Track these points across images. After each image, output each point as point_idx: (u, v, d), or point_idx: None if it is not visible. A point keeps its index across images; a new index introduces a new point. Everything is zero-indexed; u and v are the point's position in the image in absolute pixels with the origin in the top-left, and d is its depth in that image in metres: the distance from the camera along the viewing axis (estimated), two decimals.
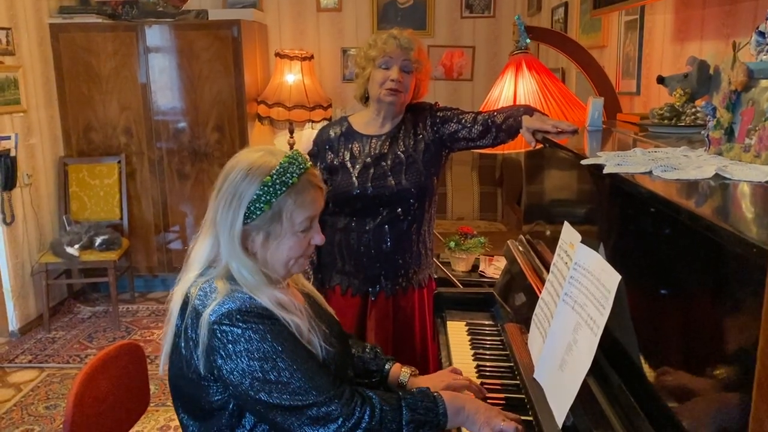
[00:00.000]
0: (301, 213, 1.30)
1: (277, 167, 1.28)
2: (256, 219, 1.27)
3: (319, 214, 1.36)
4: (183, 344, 1.27)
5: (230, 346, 1.21)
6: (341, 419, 1.22)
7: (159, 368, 1.38)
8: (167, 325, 1.32)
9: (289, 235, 1.30)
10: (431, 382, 1.51)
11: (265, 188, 1.26)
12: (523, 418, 1.40)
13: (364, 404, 1.25)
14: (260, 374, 1.21)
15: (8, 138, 3.88)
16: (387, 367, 1.57)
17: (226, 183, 1.29)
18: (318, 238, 1.36)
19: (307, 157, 1.37)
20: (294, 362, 1.23)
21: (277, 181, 1.27)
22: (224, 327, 1.21)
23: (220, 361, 1.23)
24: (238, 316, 1.22)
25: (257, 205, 1.27)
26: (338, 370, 1.34)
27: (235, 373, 1.22)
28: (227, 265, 1.29)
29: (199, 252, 1.33)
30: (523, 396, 1.47)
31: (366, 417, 1.23)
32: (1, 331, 4.01)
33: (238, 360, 1.21)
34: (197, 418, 1.33)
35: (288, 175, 1.28)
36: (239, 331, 1.21)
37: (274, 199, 1.27)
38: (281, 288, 1.35)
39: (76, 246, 4.01)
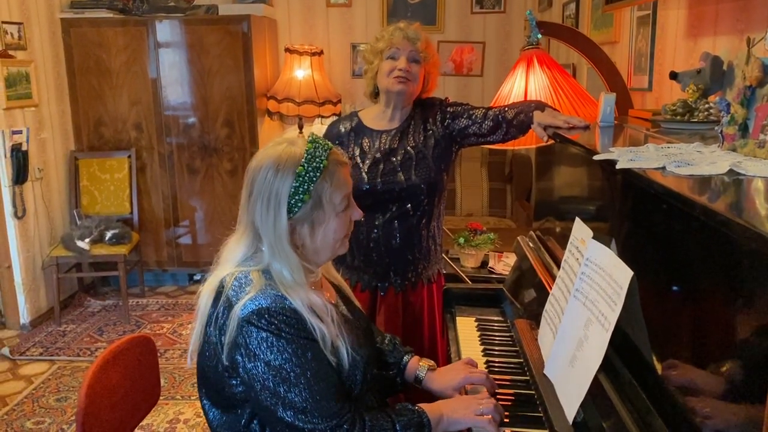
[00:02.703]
0: (339, 193, 1.31)
1: (305, 155, 1.29)
2: (298, 211, 1.28)
3: (351, 190, 1.37)
4: (213, 332, 1.28)
5: (252, 347, 1.22)
6: None
7: (187, 361, 1.40)
8: (196, 319, 1.32)
9: (332, 218, 1.32)
10: (448, 375, 1.51)
11: (300, 178, 1.27)
12: (532, 414, 1.40)
13: None
14: (271, 384, 1.22)
15: (20, 132, 3.91)
16: (405, 359, 1.57)
17: (257, 185, 1.29)
18: (357, 214, 1.38)
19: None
20: (307, 381, 1.23)
21: (310, 168, 1.28)
22: (251, 327, 1.22)
23: (239, 358, 1.24)
24: (266, 317, 1.22)
25: (297, 197, 1.27)
26: (366, 371, 1.35)
27: (250, 374, 1.23)
28: (268, 263, 1.29)
29: (235, 251, 1.34)
30: (533, 392, 1.47)
31: None
32: (13, 324, 4.04)
33: (256, 363, 1.22)
34: (220, 407, 1.35)
35: (318, 159, 1.29)
36: (264, 335, 1.22)
37: (311, 187, 1.28)
38: (315, 283, 1.36)
39: (87, 240, 4.04)
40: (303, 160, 1.28)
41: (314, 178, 1.27)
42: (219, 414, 1.36)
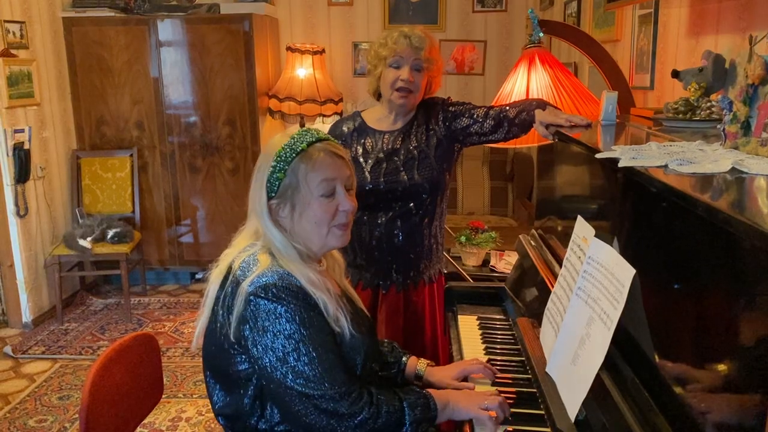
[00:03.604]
0: (316, 175, 1.36)
1: (288, 140, 1.38)
2: (277, 190, 1.36)
3: (343, 180, 1.40)
4: (220, 311, 1.33)
5: (260, 319, 1.27)
6: (347, 417, 1.27)
7: (193, 342, 1.46)
8: (204, 300, 1.38)
9: (311, 201, 1.36)
10: (447, 371, 1.56)
11: (278, 158, 1.35)
12: (534, 411, 1.40)
13: (371, 406, 1.29)
14: (281, 353, 1.27)
15: (22, 131, 3.91)
16: (404, 359, 1.62)
17: (255, 169, 1.40)
18: (346, 204, 1.39)
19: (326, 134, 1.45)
20: (315, 350, 1.27)
21: (287, 149, 1.36)
22: (259, 300, 1.27)
23: (247, 332, 1.29)
24: (273, 290, 1.27)
25: (274, 176, 1.35)
26: (366, 360, 1.39)
27: (258, 346, 1.28)
28: (270, 240, 1.36)
29: (244, 233, 1.42)
30: (535, 390, 1.47)
31: (371, 419, 1.29)
32: (15, 323, 4.05)
33: (264, 335, 1.27)
34: (225, 388, 1.39)
35: (298, 143, 1.37)
36: (271, 306, 1.27)
37: (287, 167, 1.35)
38: (318, 270, 1.40)
39: (89, 239, 4.04)
40: (285, 143, 1.37)
41: (290, 158, 1.35)
42: (223, 395, 1.40)
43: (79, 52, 4.41)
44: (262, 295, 1.27)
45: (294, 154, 1.35)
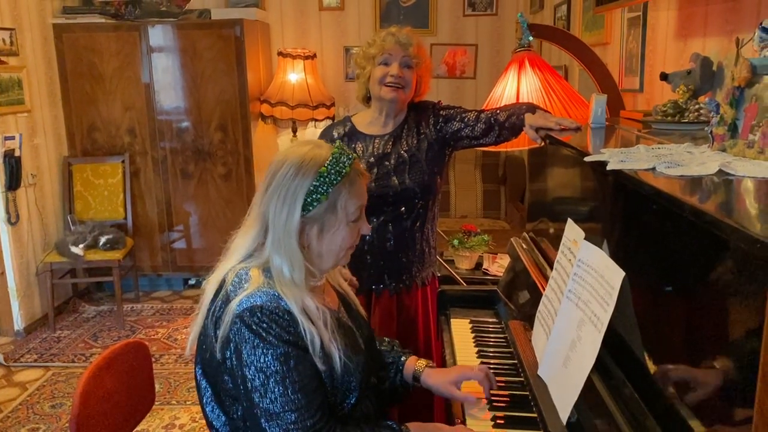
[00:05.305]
0: (354, 202, 1.33)
1: (330, 158, 1.31)
2: (312, 210, 1.29)
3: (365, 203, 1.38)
4: (210, 325, 1.30)
5: (239, 346, 1.24)
6: None
7: (186, 349, 1.41)
8: (199, 308, 1.35)
9: (343, 225, 1.32)
10: (446, 376, 1.51)
11: (321, 179, 1.29)
12: (527, 415, 1.40)
13: None
14: (249, 385, 1.23)
15: (13, 138, 3.90)
16: (403, 358, 1.57)
17: (277, 179, 1.31)
18: (366, 228, 1.39)
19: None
20: (284, 389, 1.23)
21: (332, 171, 1.29)
22: (242, 325, 1.23)
23: (228, 353, 1.26)
24: (258, 314, 1.23)
25: (314, 196, 1.29)
26: (363, 378, 1.35)
27: (236, 370, 1.26)
28: (269, 258, 1.30)
29: (242, 243, 1.35)
30: (527, 393, 1.48)
31: None
32: (7, 331, 4.03)
33: (240, 361, 1.24)
34: (218, 402, 1.36)
35: (341, 165, 1.31)
36: (251, 336, 1.23)
37: (330, 189, 1.29)
38: (316, 287, 1.37)
39: (81, 245, 4.03)
40: (327, 162, 1.30)
41: (335, 181, 1.29)
42: (219, 412, 1.36)
43: (69, 58, 4.39)
44: (247, 319, 1.23)
45: (340, 177, 1.29)
